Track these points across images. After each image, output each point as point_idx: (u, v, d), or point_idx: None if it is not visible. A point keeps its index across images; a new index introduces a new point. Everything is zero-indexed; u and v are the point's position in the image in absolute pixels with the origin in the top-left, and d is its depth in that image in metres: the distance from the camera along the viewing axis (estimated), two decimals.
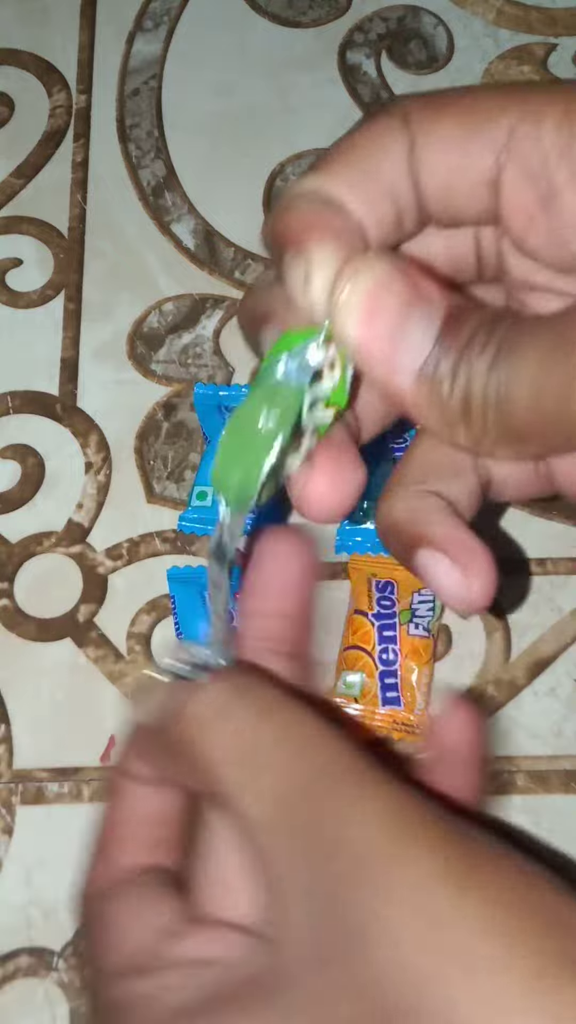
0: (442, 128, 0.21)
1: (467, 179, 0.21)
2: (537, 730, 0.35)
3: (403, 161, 0.21)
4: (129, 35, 0.46)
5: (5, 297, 0.42)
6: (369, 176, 0.21)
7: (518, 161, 0.21)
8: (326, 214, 0.21)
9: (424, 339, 0.20)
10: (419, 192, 0.22)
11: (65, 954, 0.33)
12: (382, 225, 0.22)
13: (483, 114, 0.21)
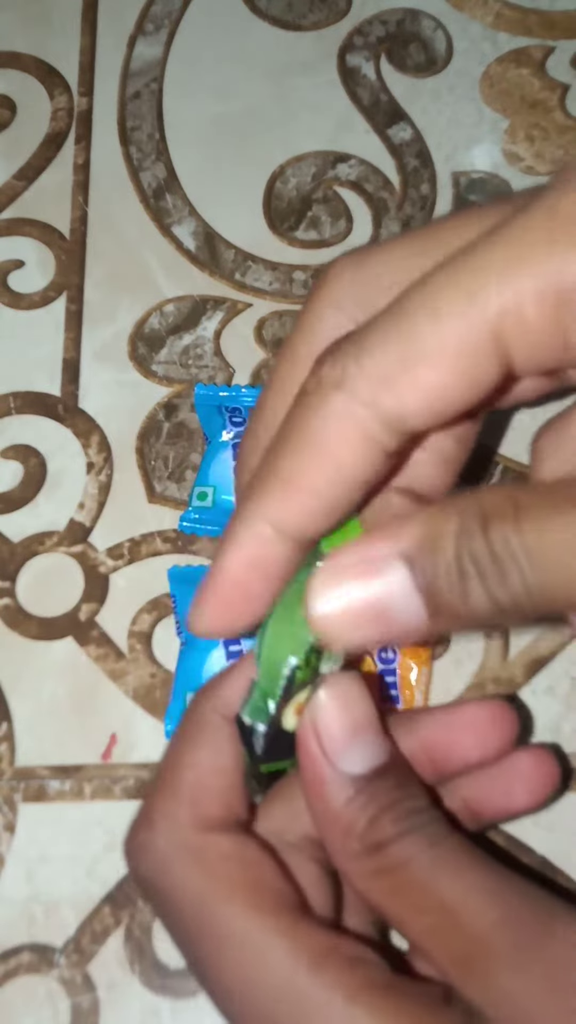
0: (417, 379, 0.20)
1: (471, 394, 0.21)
2: (535, 728, 0.35)
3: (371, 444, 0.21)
4: (130, 38, 0.47)
5: (7, 298, 0.42)
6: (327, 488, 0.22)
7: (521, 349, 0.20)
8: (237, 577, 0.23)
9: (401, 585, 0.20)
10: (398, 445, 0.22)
11: (67, 950, 0.33)
12: (347, 509, 0.22)
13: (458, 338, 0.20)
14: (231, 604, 0.23)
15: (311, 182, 0.44)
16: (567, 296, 0.19)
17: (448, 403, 0.21)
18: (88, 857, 0.34)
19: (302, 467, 0.22)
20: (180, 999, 0.32)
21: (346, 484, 0.22)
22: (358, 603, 0.20)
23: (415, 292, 0.21)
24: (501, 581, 0.19)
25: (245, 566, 0.23)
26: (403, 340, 0.20)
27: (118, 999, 0.33)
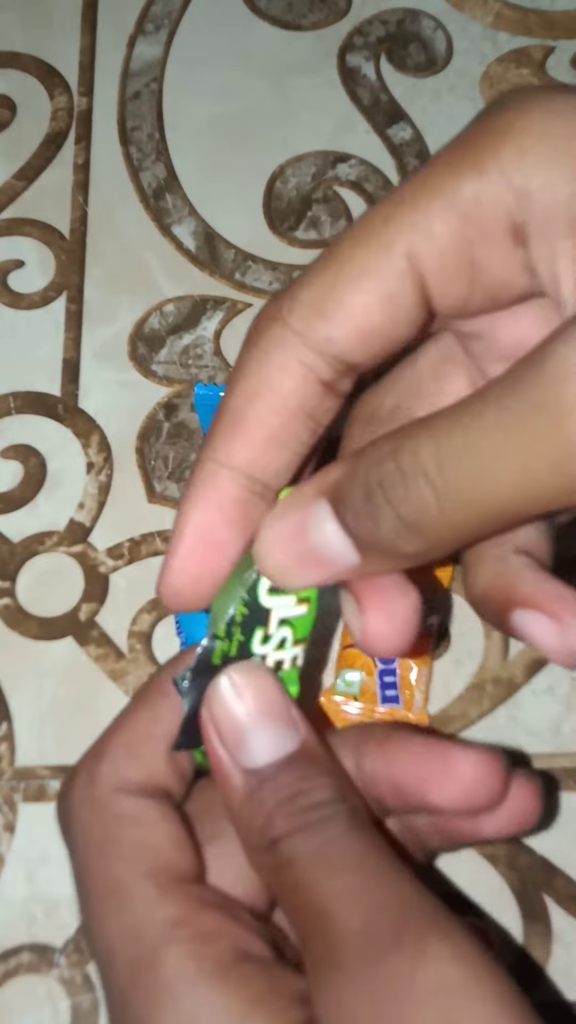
0: (343, 303, 0.21)
1: (392, 322, 0.22)
2: (535, 728, 0.35)
3: (301, 371, 0.22)
4: (130, 38, 0.47)
5: (7, 298, 0.42)
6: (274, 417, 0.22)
7: (433, 268, 0.21)
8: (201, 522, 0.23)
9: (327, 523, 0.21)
10: (335, 377, 0.22)
11: (67, 950, 0.33)
12: (295, 445, 0.23)
13: (375, 261, 0.21)
14: (197, 556, 0.23)
15: (311, 182, 0.44)
16: (470, 213, 0.21)
17: (374, 328, 0.22)
18: None
19: (246, 401, 0.22)
20: None
21: (288, 414, 0.22)
22: (293, 545, 0.22)
23: (345, 231, 0.22)
24: (405, 495, 0.19)
25: (206, 511, 0.23)
26: (330, 269, 0.22)
27: None
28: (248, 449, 0.22)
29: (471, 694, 0.36)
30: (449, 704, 0.36)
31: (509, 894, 0.33)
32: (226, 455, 0.22)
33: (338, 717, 0.35)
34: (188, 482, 0.23)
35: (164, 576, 0.23)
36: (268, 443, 0.22)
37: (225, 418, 0.23)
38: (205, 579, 0.23)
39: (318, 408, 0.23)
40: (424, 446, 0.19)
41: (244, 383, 0.22)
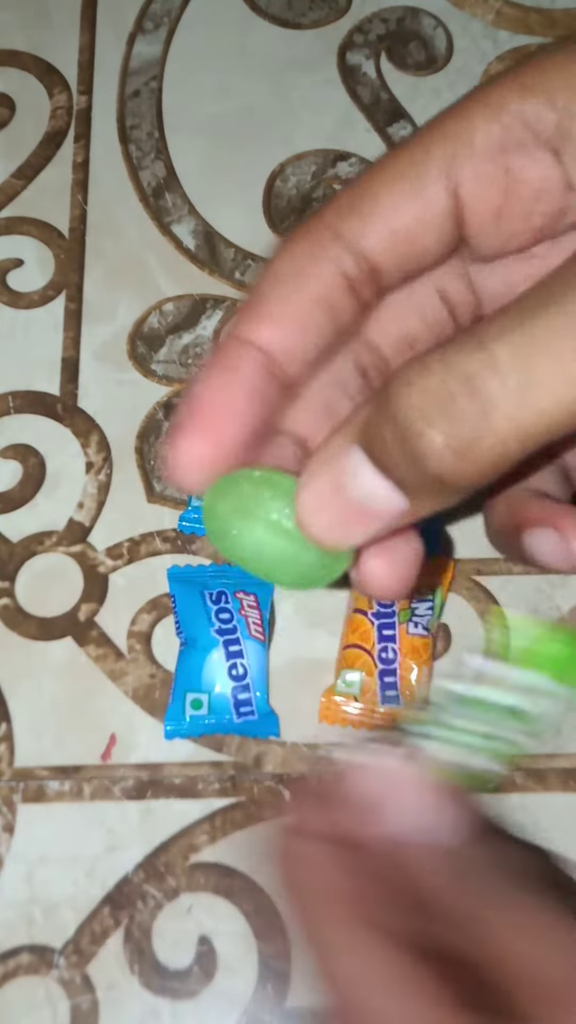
0: (378, 201, 0.22)
1: (423, 222, 0.22)
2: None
3: (330, 263, 0.22)
4: (129, 36, 0.47)
5: (6, 297, 0.42)
6: (291, 296, 0.22)
7: (469, 176, 0.22)
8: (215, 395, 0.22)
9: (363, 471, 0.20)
10: (360, 275, 0.22)
11: (66, 951, 0.33)
12: (311, 336, 0.22)
13: (414, 166, 0.22)
14: (214, 424, 0.22)
15: (311, 180, 0.44)
16: (511, 125, 0.21)
17: (403, 229, 0.22)
18: (88, 858, 0.34)
19: (271, 284, 0.22)
20: (180, 1000, 0.32)
21: (309, 298, 0.22)
22: (335, 504, 0.21)
23: (389, 155, 0.23)
24: (459, 414, 0.18)
25: (223, 379, 0.22)
26: (370, 174, 0.22)
27: (117, 1000, 0.32)
28: (268, 326, 0.22)
29: None
30: None
31: None
32: (247, 330, 0.22)
33: (338, 717, 0.35)
34: (208, 357, 0.23)
35: (179, 443, 0.22)
36: (287, 322, 0.22)
37: (251, 300, 0.23)
38: (219, 451, 0.22)
39: (339, 304, 0.23)
40: (484, 344, 0.18)
41: (271, 268, 0.23)
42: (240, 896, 0.33)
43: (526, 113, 0.21)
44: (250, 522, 0.22)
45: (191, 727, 0.35)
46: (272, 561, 0.22)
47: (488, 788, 0.23)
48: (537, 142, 0.21)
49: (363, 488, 0.20)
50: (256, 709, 0.35)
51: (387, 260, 0.22)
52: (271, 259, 0.23)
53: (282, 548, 0.22)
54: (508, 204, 0.22)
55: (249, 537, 0.22)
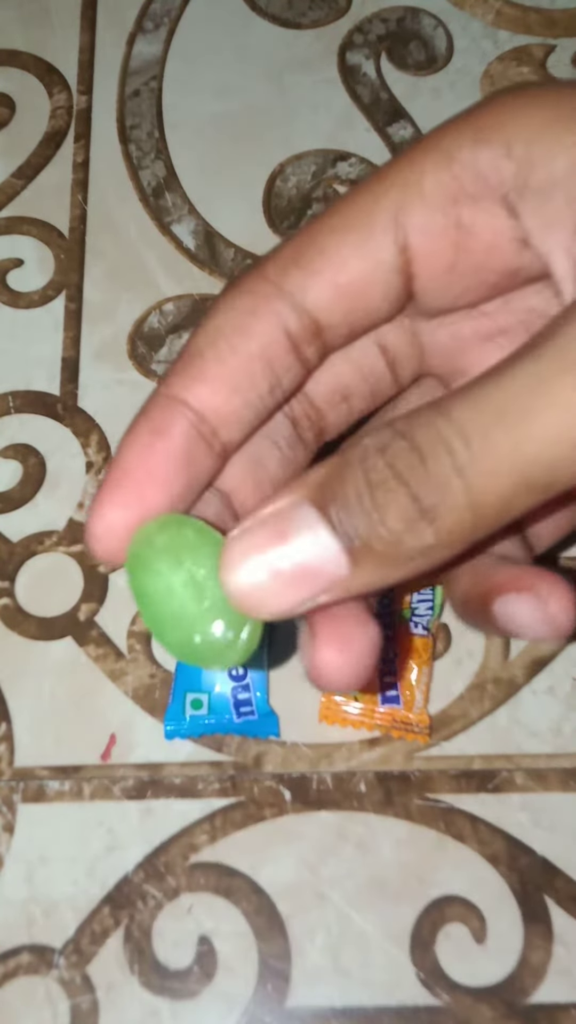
0: (323, 255, 0.21)
1: (370, 277, 0.21)
2: (536, 728, 0.35)
3: (274, 320, 0.21)
4: (130, 36, 0.47)
5: (6, 297, 0.42)
6: (230, 354, 0.21)
7: (418, 228, 0.20)
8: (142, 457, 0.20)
9: (312, 527, 0.18)
10: (303, 333, 0.21)
11: (66, 951, 0.33)
12: (249, 396, 0.21)
13: (361, 216, 0.20)
14: (137, 490, 0.20)
15: (311, 180, 0.44)
16: (463, 176, 0.20)
17: (349, 284, 0.21)
18: (88, 858, 0.34)
19: (208, 341, 0.21)
20: (180, 1000, 0.32)
21: (248, 355, 0.21)
22: (268, 558, 0.18)
23: (337, 203, 0.21)
24: (424, 473, 0.17)
25: (150, 442, 0.21)
26: (314, 225, 0.21)
27: (117, 1000, 0.32)
28: (202, 385, 0.21)
29: (472, 694, 0.36)
30: (450, 704, 0.36)
31: (509, 895, 0.33)
32: (178, 389, 0.21)
33: (338, 717, 0.35)
34: (134, 418, 0.21)
35: (96, 511, 0.20)
36: (223, 382, 0.21)
37: (184, 356, 0.21)
38: (141, 517, 0.21)
39: (279, 362, 0.21)
40: (450, 412, 0.17)
41: (209, 324, 0.21)
42: (240, 896, 0.33)
43: (479, 163, 0.20)
44: (175, 568, 0.20)
45: (191, 727, 0.35)
46: (173, 616, 0.20)
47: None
48: (490, 195, 0.20)
49: (305, 544, 0.18)
50: (256, 709, 0.35)
51: (331, 317, 0.21)
52: (209, 314, 0.22)
53: (189, 606, 0.20)
54: (459, 259, 0.21)
55: (165, 582, 0.20)
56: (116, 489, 0.20)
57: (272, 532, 0.18)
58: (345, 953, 0.33)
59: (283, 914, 0.33)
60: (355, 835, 0.34)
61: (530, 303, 0.23)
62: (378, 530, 0.18)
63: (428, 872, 0.33)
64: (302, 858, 0.34)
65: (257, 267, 0.21)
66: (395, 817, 0.34)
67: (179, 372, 0.21)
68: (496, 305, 0.23)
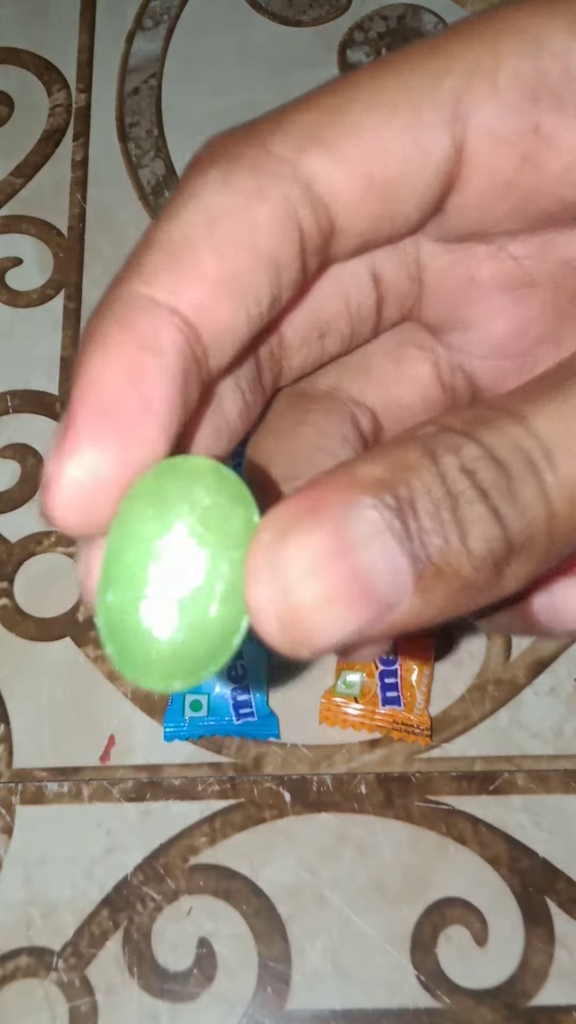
0: (357, 133, 0.15)
1: (409, 177, 0.16)
2: (537, 730, 0.35)
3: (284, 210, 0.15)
4: (129, 34, 0.46)
5: (5, 296, 0.42)
6: (236, 251, 0.15)
7: (484, 127, 0.16)
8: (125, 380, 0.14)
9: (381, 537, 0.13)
10: (314, 236, 0.16)
11: (65, 954, 0.33)
12: (250, 310, 0.16)
13: (414, 93, 0.15)
14: (112, 435, 0.14)
15: None
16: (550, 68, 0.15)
17: (384, 179, 0.16)
18: (86, 860, 0.34)
19: (197, 225, 0.16)
20: (179, 1003, 0.32)
21: (255, 253, 0.15)
22: (327, 574, 0.13)
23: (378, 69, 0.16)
24: (511, 494, 0.14)
25: (130, 360, 0.15)
26: (339, 95, 0.16)
27: (116, 1003, 0.32)
28: (197, 286, 0.15)
29: (473, 695, 0.35)
30: (450, 705, 0.35)
31: (510, 897, 0.33)
32: (165, 289, 0.16)
33: (339, 718, 0.35)
34: (96, 322, 0.16)
35: (64, 460, 0.14)
36: (222, 284, 0.15)
37: (164, 245, 0.16)
38: (132, 466, 0.14)
39: (286, 268, 0.16)
40: (530, 422, 0.14)
41: (197, 204, 0.15)
42: (240, 898, 0.33)
43: (573, 57, 0.15)
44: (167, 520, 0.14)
45: (190, 728, 0.35)
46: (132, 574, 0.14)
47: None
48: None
49: (371, 559, 0.13)
50: (256, 710, 0.35)
51: (353, 219, 0.16)
52: (190, 185, 0.16)
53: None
54: (524, 176, 0.16)
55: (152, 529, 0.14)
56: (93, 426, 0.14)
57: (329, 538, 0.13)
58: (345, 955, 0.33)
59: (283, 916, 0.33)
60: (355, 837, 0.34)
61: (570, 253, 0.18)
62: (458, 553, 0.14)
63: (429, 874, 0.33)
64: (302, 860, 0.34)
65: (253, 133, 0.16)
66: (396, 819, 0.34)
67: (161, 263, 0.16)
68: (529, 248, 0.18)
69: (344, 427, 0.20)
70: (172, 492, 0.14)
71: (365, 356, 0.20)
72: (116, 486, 0.14)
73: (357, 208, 0.16)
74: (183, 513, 0.14)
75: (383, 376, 0.20)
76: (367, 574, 0.13)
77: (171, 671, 0.14)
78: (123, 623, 0.14)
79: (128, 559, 0.14)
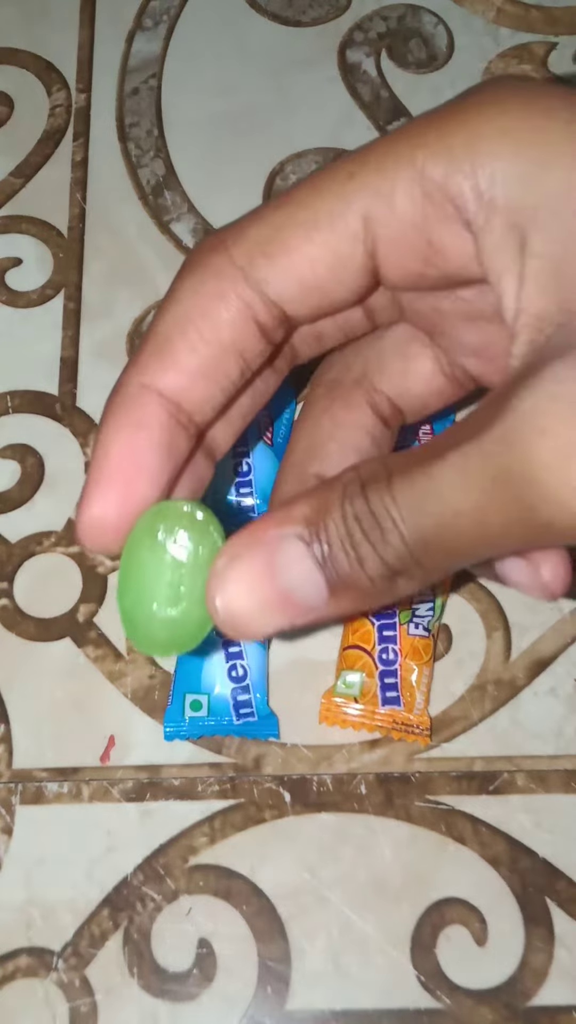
0: (290, 248, 0.21)
1: (335, 280, 0.21)
2: (537, 730, 0.35)
3: (243, 311, 0.21)
4: (129, 34, 0.46)
5: (5, 296, 0.42)
6: (202, 343, 0.21)
7: (388, 237, 0.21)
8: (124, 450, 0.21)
9: (303, 561, 0.20)
10: (270, 322, 0.22)
11: (65, 954, 0.33)
12: (222, 383, 0.22)
13: (329, 213, 0.21)
14: (123, 483, 0.21)
15: None
16: (434, 194, 0.20)
17: (316, 284, 0.21)
18: (86, 860, 0.34)
19: (177, 327, 0.21)
20: (179, 1003, 0.32)
21: (220, 346, 0.21)
22: (260, 587, 0.20)
23: (306, 179, 0.22)
24: (384, 540, 0.19)
25: (132, 434, 0.21)
26: (283, 211, 0.21)
27: (116, 1003, 0.32)
28: (177, 375, 0.21)
29: (472, 695, 0.35)
30: (450, 705, 0.35)
31: (510, 897, 0.33)
32: (154, 379, 0.21)
33: (338, 718, 0.35)
34: (108, 405, 0.22)
35: (86, 505, 0.21)
36: (197, 372, 0.21)
37: (154, 342, 0.22)
38: (131, 509, 0.22)
39: (249, 349, 0.22)
40: (392, 490, 0.19)
41: (177, 308, 0.21)
42: (240, 898, 0.33)
43: (450, 187, 0.20)
44: (160, 547, 0.22)
45: (190, 728, 0.35)
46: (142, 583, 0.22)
47: None
48: (456, 214, 0.20)
49: (294, 577, 0.20)
50: (256, 710, 0.35)
51: (298, 308, 0.22)
52: (173, 293, 0.22)
53: (161, 582, 0.22)
54: (428, 270, 0.21)
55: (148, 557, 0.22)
56: (104, 482, 0.21)
57: (262, 563, 0.20)
58: (345, 955, 0.33)
59: (283, 916, 0.33)
60: (355, 837, 0.34)
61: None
62: (358, 575, 0.20)
63: (429, 874, 0.33)
64: (302, 860, 0.34)
65: (219, 244, 0.21)
66: (396, 819, 0.34)
67: (150, 358, 0.21)
68: (472, 293, 0.23)
69: (363, 415, 0.26)
70: (162, 528, 0.22)
71: (380, 350, 0.26)
72: (121, 522, 0.22)
73: (300, 301, 0.21)
74: (169, 544, 0.22)
75: (395, 370, 0.26)
76: (290, 590, 0.20)
77: (166, 646, 0.22)
78: (135, 620, 0.22)
79: (135, 574, 0.22)
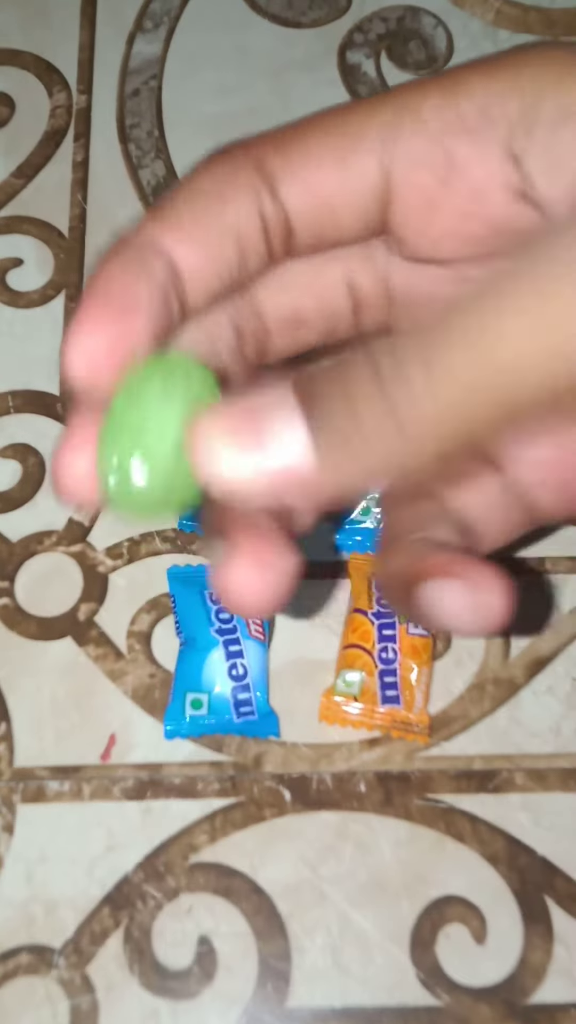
0: (305, 153, 0.20)
1: (345, 193, 0.20)
2: (536, 729, 0.35)
3: (251, 198, 0.20)
4: (129, 35, 0.46)
5: (6, 297, 0.42)
6: (208, 216, 0.20)
7: (406, 153, 0.20)
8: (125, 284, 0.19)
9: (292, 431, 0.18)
10: (274, 224, 0.21)
11: (66, 951, 0.33)
12: (218, 264, 0.20)
13: (352, 125, 0.20)
14: (117, 316, 0.19)
15: None
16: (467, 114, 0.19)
17: (325, 195, 0.20)
18: (87, 858, 0.34)
19: (189, 197, 0.20)
20: (180, 1000, 0.32)
21: (227, 225, 0.20)
22: (246, 431, 0.18)
23: (335, 107, 0.21)
24: (404, 381, 0.17)
25: (130, 274, 0.20)
26: (306, 125, 0.21)
27: (117, 1000, 0.32)
28: (180, 236, 0.20)
29: (472, 694, 0.36)
30: (450, 704, 0.35)
31: (509, 895, 0.33)
32: (158, 234, 0.20)
33: (338, 717, 0.35)
34: (110, 250, 0.20)
35: (80, 331, 0.19)
36: (199, 241, 0.20)
37: (164, 205, 0.21)
38: (125, 344, 0.19)
39: (250, 241, 0.21)
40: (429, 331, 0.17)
41: (188, 183, 0.21)
42: (240, 896, 0.33)
43: (488, 95, 0.19)
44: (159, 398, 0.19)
45: (191, 727, 0.35)
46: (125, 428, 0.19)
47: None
48: (493, 134, 0.19)
49: (278, 422, 0.18)
50: (256, 709, 0.35)
51: (302, 221, 0.21)
52: (191, 172, 0.21)
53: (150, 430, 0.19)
54: (443, 198, 0.20)
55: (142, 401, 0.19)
56: (102, 309, 0.19)
57: (249, 407, 0.18)
58: (345, 953, 0.33)
59: (283, 914, 0.33)
60: (355, 835, 0.34)
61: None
62: (349, 430, 0.17)
63: (428, 872, 0.33)
64: (302, 858, 0.34)
65: (248, 140, 0.21)
66: (395, 817, 0.34)
67: (156, 220, 0.20)
68: (480, 272, 0.21)
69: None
70: (159, 377, 0.19)
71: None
72: (114, 355, 0.19)
73: (304, 213, 0.20)
74: (175, 392, 0.19)
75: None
76: (267, 430, 0.18)
77: (157, 503, 0.19)
78: (127, 470, 0.19)
79: (133, 421, 0.19)
